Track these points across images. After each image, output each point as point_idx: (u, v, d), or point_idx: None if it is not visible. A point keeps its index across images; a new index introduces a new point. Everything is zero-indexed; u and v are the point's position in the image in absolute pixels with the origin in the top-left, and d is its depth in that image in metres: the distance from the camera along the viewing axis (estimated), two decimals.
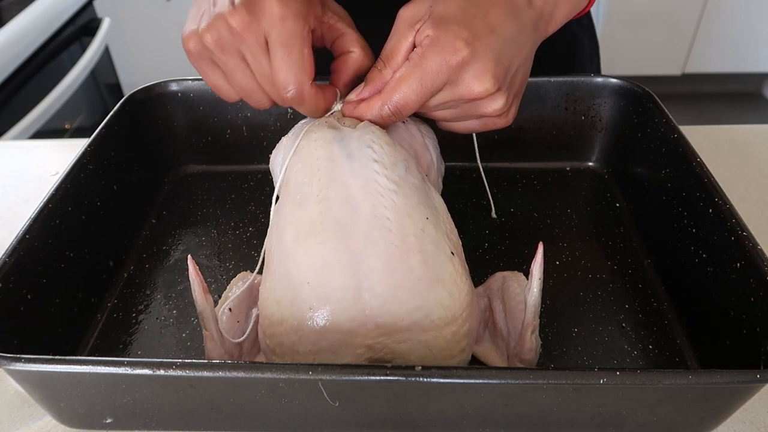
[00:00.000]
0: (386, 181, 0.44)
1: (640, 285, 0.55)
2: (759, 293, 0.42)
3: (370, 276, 0.40)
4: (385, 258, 0.41)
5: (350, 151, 0.46)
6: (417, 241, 0.42)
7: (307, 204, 0.44)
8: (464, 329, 0.42)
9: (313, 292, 0.41)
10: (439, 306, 0.41)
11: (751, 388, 0.39)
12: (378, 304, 0.40)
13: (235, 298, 0.47)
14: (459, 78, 0.44)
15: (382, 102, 0.46)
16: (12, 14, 1.40)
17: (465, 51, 0.43)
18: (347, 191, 0.44)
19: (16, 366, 0.38)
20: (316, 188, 0.44)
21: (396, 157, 0.46)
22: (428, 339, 0.41)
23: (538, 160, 0.69)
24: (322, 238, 0.42)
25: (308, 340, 0.40)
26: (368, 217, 0.42)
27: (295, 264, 0.42)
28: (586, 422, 0.40)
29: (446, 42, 0.43)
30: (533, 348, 0.44)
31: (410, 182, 0.45)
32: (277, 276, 0.43)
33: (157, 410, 0.41)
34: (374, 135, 0.46)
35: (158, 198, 0.66)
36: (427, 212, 0.44)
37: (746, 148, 0.72)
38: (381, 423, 0.41)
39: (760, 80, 2.52)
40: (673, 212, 0.54)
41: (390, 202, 0.43)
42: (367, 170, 0.44)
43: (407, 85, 0.44)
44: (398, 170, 0.45)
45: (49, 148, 0.77)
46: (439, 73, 0.43)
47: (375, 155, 0.45)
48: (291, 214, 0.44)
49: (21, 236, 0.46)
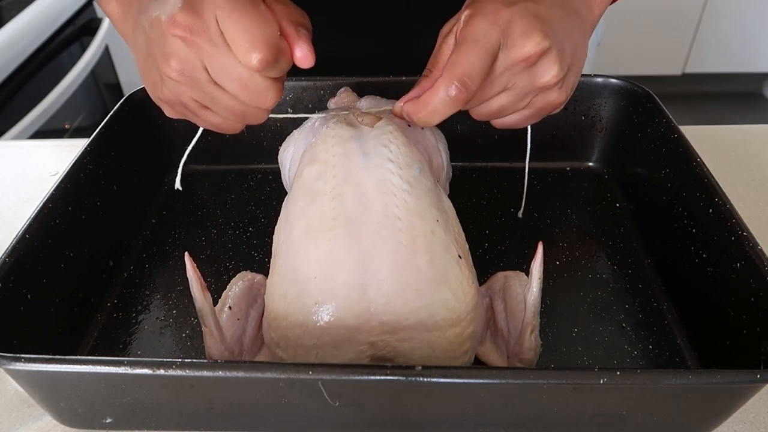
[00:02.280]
0: (400, 181, 0.44)
1: (640, 285, 0.55)
2: (759, 293, 0.42)
3: (378, 274, 0.41)
4: (394, 257, 0.41)
5: (366, 149, 0.46)
6: (426, 242, 0.42)
7: (320, 199, 0.44)
8: (468, 332, 0.42)
9: (320, 287, 0.41)
10: (444, 307, 0.41)
11: (751, 388, 0.39)
12: (383, 301, 0.40)
13: (234, 296, 0.47)
14: (509, 40, 0.42)
15: (447, 81, 0.42)
16: (12, 14, 1.40)
17: (506, 11, 0.42)
18: (361, 189, 0.44)
19: (16, 366, 0.38)
20: (331, 185, 0.44)
21: (411, 158, 0.46)
22: (431, 339, 0.41)
23: (538, 160, 0.68)
24: (333, 234, 0.42)
25: (312, 334, 0.41)
26: (380, 215, 0.42)
27: (304, 258, 0.42)
28: (586, 422, 0.40)
29: (486, 9, 0.42)
30: (533, 348, 0.44)
31: (423, 184, 0.45)
32: (285, 270, 0.43)
33: (157, 410, 0.41)
34: (391, 135, 0.47)
35: (158, 198, 0.66)
36: (438, 215, 0.44)
37: (746, 148, 0.72)
38: (381, 423, 0.41)
39: (760, 80, 2.51)
40: (673, 212, 0.54)
41: (402, 201, 0.43)
42: (381, 169, 0.45)
43: (464, 54, 0.41)
44: (413, 171, 0.45)
45: (49, 148, 0.77)
46: (488, 32, 0.42)
47: (391, 155, 0.45)
48: (302, 208, 0.45)
49: (21, 236, 0.46)
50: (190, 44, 0.40)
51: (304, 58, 0.41)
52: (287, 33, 0.41)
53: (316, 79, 0.66)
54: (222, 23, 0.39)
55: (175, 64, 0.40)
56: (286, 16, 0.41)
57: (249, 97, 0.41)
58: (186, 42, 0.40)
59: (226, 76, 0.40)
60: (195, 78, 0.41)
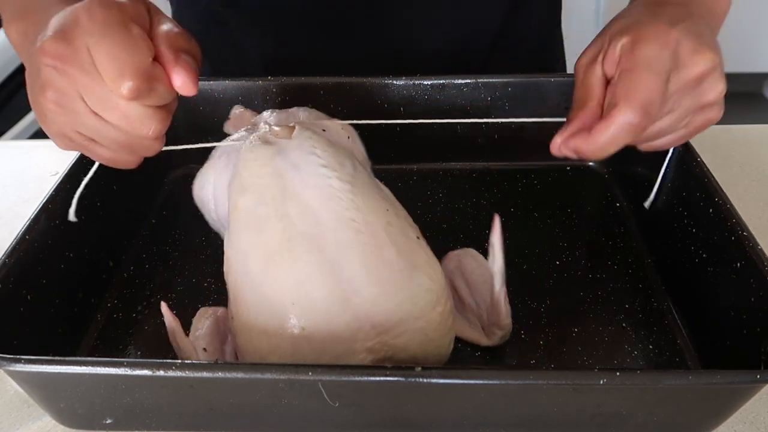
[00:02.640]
0: (340, 183, 0.43)
1: (640, 285, 0.55)
2: (759, 293, 0.42)
3: (354, 280, 0.40)
4: (363, 258, 0.41)
5: (294, 161, 0.44)
6: (387, 234, 0.42)
7: (267, 225, 0.43)
8: (448, 306, 0.43)
9: (301, 311, 0.40)
10: (424, 290, 0.41)
11: (751, 388, 0.39)
12: (368, 305, 0.40)
13: (205, 336, 0.46)
14: (679, 60, 0.41)
15: (627, 110, 0.40)
16: None
17: (674, 32, 0.41)
18: (303, 203, 0.43)
19: (16, 367, 0.38)
20: (272, 207, 0.43)
21: (341, 157, 0.45)
22: (423, 325, 0.41)
23: (538, 160, 0.68)
24: (294, 255, 0.41)
25: (308, 359, 0.40)
26: (333, 223, 0.42)
27: (272, 287, 0.41)
28: (586, 422, 0.40)
29: (651, 32, 0.41)
30: (508, 313, 0.45)
31: (361, 178, 0.45)
32: (254, 305, 0.42)
33: (157, 411, 0.41)
34: (313, 140, 0.46)
35: (158, 198, 0.66)
36: (386, 204, 0.44)
37: (746, 148, 0.72)
38: (381, 423, 0.41)
39: (760, 80, 2.51)
40: (673, 212, 0.54)
41: (350, 203, 0.43)
42: (317, 176, 0.44)
43: (640, 81, 0.40)
44: (347, 169, 0.45)
45: (49, 148, 0.77)
46: (659, 56, 0.41)
47: (321, 160, 0.44)
48: (251, 240, 0.43)
49: (21, 236, 0.46)
50: (63, 73, 0.37)
51: (184, 86, 0.39)
52: (165, 59, 0.38)
53: (302, 79, 0.65)
54: (92, 50, 0.37)
55: (51, 94, 0.38)
56: (166, 41, 0.39)
57: (130, 127, 0.39)
58: (59, 71, 0.37)
59: (104, 106, 0.38)
60: (73, 109, 0.39)
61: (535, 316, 0.52)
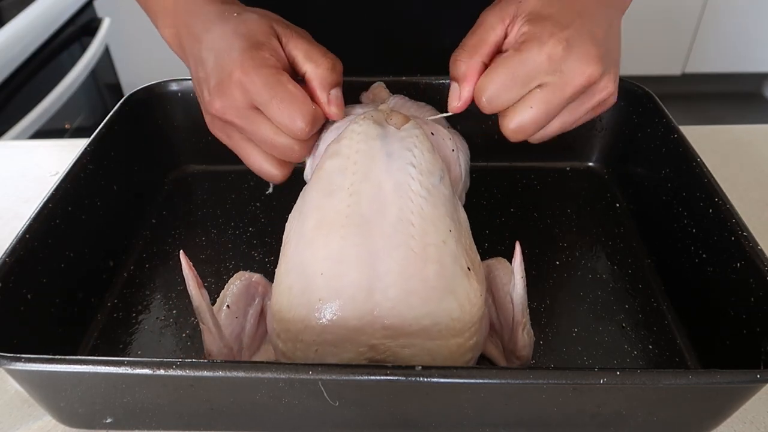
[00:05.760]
0: (419, 187, 0.44)
1: (640, 285, 0.55)
2: (759, 293, 0.42)
3: (385, 278, 0.40)
4: (403, 263, 0.41)
5: (391, 150, 0.46)
6: (437, 251, 0.42)
7: (337, 194, 0.44)
8: (470, 343, 0.42)
9: (326, 284, 0.41)
10: (448, 317, 0.41)
11: (751, 388, 0.39)
12: (388, 306, 0.40)
13: (232, 295, 0.47)
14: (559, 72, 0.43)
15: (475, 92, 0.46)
16: (12, 14, 1.40)
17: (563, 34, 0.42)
18: (379, 189, 0.44)
19: (16, 366, 0.38)
20: (349, 181, 0.44)
21: (434, 165, 0.46)
22: (433, 347, 0.41)
23: (538, 160, 0.68)
24: (345, 232, 0.42)
25: (313, 330, 0.41)
26: (394, 218, 0.42)
27: (313, 253, 0.42)
28: (586, 422, 0.40)
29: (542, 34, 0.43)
30: (527, 344, 0.44)
31: (441, 192, 0.45)
32: (293, 262, 0.43)
33: (157, 410, 0.41)
34: (417, 139, 0.46)
35: (158, 198, 0.66)
36: (452, 225, 0.44)
37: (746, 148, 0.72)
38: (381, 423, 0.41)
39: (760, 80, 2.52)
40: (673, 212, 0.54)
41: (418, 208, 0.43)
42: (403, 172, 0.44)
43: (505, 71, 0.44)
44: (433, 178, 0.45)
45: (49, 148, 0.77)
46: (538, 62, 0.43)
47: (414, 159, 0.45)
48: (318, 201, 0.44)
49: (21, 236, 0.46)
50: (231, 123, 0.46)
51: (336, 117, 0.48)
52: (319, 101, 0.47)
53: None
54: (261, 108, 0.45)
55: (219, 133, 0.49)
56: (316, 79, 0.47)
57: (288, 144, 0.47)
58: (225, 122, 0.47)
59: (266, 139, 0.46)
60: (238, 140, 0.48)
61: (535, 316, 0.52)
